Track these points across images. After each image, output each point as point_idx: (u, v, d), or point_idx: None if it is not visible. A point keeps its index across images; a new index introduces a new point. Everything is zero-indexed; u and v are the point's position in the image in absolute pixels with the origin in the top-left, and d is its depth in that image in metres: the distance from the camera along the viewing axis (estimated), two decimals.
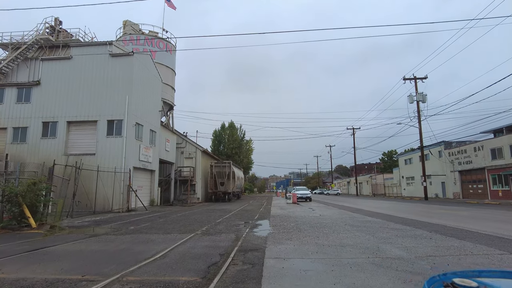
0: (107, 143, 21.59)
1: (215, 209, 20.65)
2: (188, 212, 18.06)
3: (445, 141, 38.47)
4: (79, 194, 16.88)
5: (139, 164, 23.16)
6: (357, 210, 18.25)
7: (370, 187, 67.79)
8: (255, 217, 14.21)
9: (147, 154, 24.44)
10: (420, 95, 36.94)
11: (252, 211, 18.30)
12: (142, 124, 23.75)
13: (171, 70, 31.16)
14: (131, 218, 14.77)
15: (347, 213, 16.11)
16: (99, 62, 22.77)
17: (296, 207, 21.71)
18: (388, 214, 14.86)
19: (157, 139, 26.46)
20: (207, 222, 12.20)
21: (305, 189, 33.52)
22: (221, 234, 8.88)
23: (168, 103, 30.61)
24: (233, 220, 13.21)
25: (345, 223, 11.18)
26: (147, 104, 24.82)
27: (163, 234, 9.12)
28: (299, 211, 18.08)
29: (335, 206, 23.15)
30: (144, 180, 24.82)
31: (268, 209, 19.91)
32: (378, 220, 12.05)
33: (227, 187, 33.28)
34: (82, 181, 16.73)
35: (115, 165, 20.94)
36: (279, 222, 12.05)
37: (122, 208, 20.62)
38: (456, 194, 35.74)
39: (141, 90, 23.84)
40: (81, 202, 16.01)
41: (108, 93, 22.20)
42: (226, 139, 62.14)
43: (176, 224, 11.68)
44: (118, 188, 20.64)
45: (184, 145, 33.30)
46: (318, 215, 14.77)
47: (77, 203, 14.90)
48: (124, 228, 10.87)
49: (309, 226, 10.40)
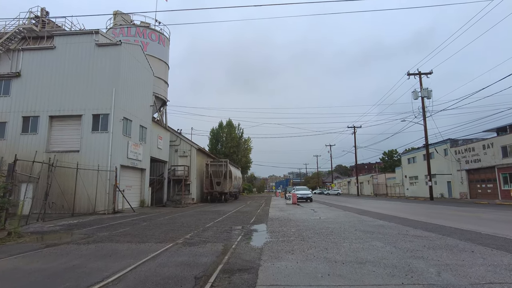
0: (92, 139, 19.94)
1: (209, 211, 19.00)
2: (178, 215, 16.41)
3: (451, 138, 36.89)
4: (55, 194, 15.24)
5: (128, 162, 21.50)
6: (363, 212, 16.62)
7: (371, 187, 66.21)
8: (250, 221, 12.57)
9: (137, 152, 22.77)
10: (425, 90, 35.44)
11: (248, 213, 16.66)
12: (131, 119, 22.09)
13: (164, 64, 29.48)
14: (112, 221, 13.13)
15: (354, 215, 14.48)
16: (84, 52, 21.10)
17: (296, 209, 20.08)
18: (400, 217, 13.24)
19: (148, 135, 24.79)
20: (195, 227, 10.56)
21: (306, 189, 31.87)
22: (207, 243, 7.23)
23: (161, 98, 28.94)
24: (225, 224, 11.56)
25: (355, 228, 9.54)
26: (136, 98, 23.15)
27: (137, 243, 7.48)
28: (300, 213, 16.45)
29: (338, 207, 21.53)
30: (134, 180, 23.15)
31: (266, 211, 18.28)
32: (392, 225, 10.42)
33: (223, 187, 31.63)
34: (58, 180, 15.05)
35: (101, 163, 19.31)
36: (277, 227, 10.41)
37: (108, 209, 18.96)
38: (463, 194, 34.16)
39: (130, 82, 22.18)
40: (55, 203, 14.31)
41: (94, 85, 20.55)
42: (224, 138, 60.50)
43: (158, 230, 10.03)
44: (102, 188, 18.99)
45: (178, 143, 31.62)
46: (322, 218, 13.15)
47: (51, 205, 13.22)
48: (96, 234, 9.23)
49: (313, 233, 8.76)
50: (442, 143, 37.23)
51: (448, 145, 36.82)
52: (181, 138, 31.86)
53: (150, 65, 25.99)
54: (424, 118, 35.36)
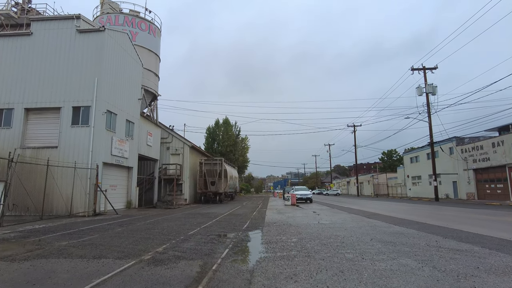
0: (72, 134, 18.09)
1: (199, 213, 17.18)
2: (164, 218, 14.57)
3: (457, 136, 35.23)
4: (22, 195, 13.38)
5: (112, 159, 19.65)
6: (372, 214, 14.86)
7: (371, 187, 64.55)
8: (243, 226, 10.76)
9: (122, 148, 20.92)
10: (429, 86, 33.85)
11: (242, 216, 14.86)
12: (116, 113, 20.23)
13: (155, 55, 27.62)
14: (85, 226, 11.30)
15: (362, 219, 12.71)
16: (64, 39, 19.23)
17: (296, 210, 18.31)
18: (416, 221, 11.48)
19: (135, 131, 22.94)
20: (175, 235, 8.75)
21: (305, 189, 30.09)
22: (180, 261, 5.43)
23: (151, 92, 27.08)
24: (213, 230, 9.76)
25: (370, 237, 7.78)
26: (122, 90, 21.30)
27: (90, 259, 5.68)
28: (300, 216, 14.67)
29: (342, 209, 19.77)
30: (119, 179, 21.29)
31: (262, 213, 16.49)
32: (413, 232, 8.66)
33: (218, 187, 29.80)
34: (22, 179, 13.18)
35: (81, 160, 17.51)
36: (275, 235, 8.63)
37: (88, 211, 17.13)
38: (471, 194, 32.51)
39: (115, 73, 20.33)
40: (17, 205, 12.44)
41: (74, 75, 18.70)
42: (221, 136, 58.63)
43: (129, 238, 8.23)
44: (81, 188, 17.15)
45: (170, 140, 29.76)
46: (327, 223, 11.37)
47: (12, 207, 11.37)
48: (52, 244, 7.42)
49: (320, 244, 6.98)
50: (447, 141, 35.55)
51: (454, 144, 35.16)
52: (173, 135, 30.01)
53: (139, 56, 24.16)
54: (429, 115, 33.76)
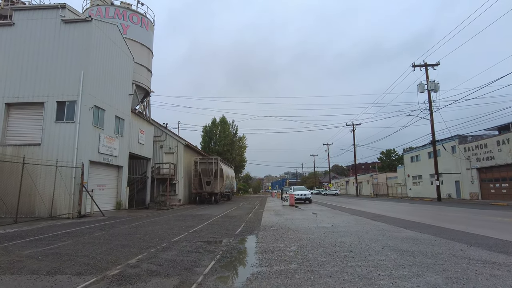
0: (56, 130, 16.96)
1: (191, 215, 16.07)
2: (151, 220, 13.46)
3: (459, 135, 34.34)
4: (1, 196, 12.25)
5: (99, 157, 18.51)
6: (376, 216, 13.81)
7: (371, 187, 63.63)
8: (237, 230, 9.67)
9: (111, 146, 19.78)
10: (431, 83, 32.96)
11: (237, 219, 13.78)
12: (104, 109, 19.09)
13: (147, 49, 26.46)
14: (63, 230, 10.18)
15: (367, 221, 11.66)
16: (48, 30, 18.08)
17: (295, 212, 17.25)
18: (428, 224, 10.44)
19: (126, 128, 21.79)
20: (158, 241, 7.66)
21: (304, 189, 29.04)
22: (151, 279, 4.35)
23: (143, 88, 25.92)
24: (201, 236, 8.67)
25: (381, 245, 6.72)
26: (112, 84, 20.16)
27: (40, 276, 4.59)
28: (299, 218, 13.60)
29: (343, 210, 18.72)
30: (108, 178, 20.15)
31: (259, 215, 15.42)
32: (430, 238, 7.61)
33: (213, 187, 28.69)
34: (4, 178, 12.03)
35: (66, 158, 16.40)
36: (272, 241, 7.56)
37: (73, 213, 16.01)
38: (474, 194, 31.60)
39: (103, 66, 19.19)
40: None
41: (59, 68, 17.56)
42: (218, 135, 57.50)
43: (102, 246, 7.13)
44: (65, 188, 16.03)
45: (163, 138, 28.61)
46: (329, 226, 10.31)
47: None
48: (8, 254, 6.31)
49: (324, 254, 5.92)
50: (450, 140, 34.63)
51: (456, 142, 34.24)
52: (167, 133, 28.86)
53: (130, 50, 23.02)
54: (431, 112, 32.88)
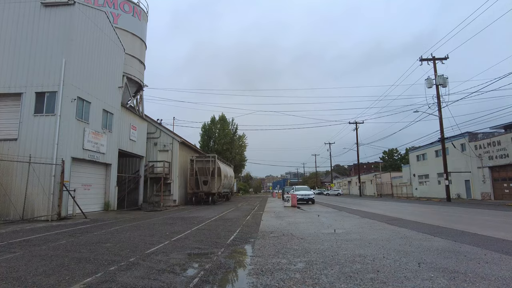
0: (35, 124, 15.42)
1: (182, 218, 14.46)
2: (133, 225, 11.85)
3: (469, 132, 32.66)
4: None
5: (84, 154, 16.94)
6: (392, 219, 12.17)
7: (374, 186, 61.88)
8: (229, 238, 8.04)
9: (98, 142, 18.20)
10: (440, 77, 31.33)
11: (233, 222, 12.16)
12: (89, 101, 17.52)
13: (140, 40, 24.86)
14: (22, 237, 8.59)
15: (384, 226, 10.02)
16: (27, 14, 16.51)
17: (297, 214, 15.63)
18: (460, 230, 8.80)
19: (115, 123, 20.21)
20: (128, 254, 6.05)
21: (307, 189, 27.38)
22: None
23: (135, 81, 24.31)
24: (184, 246, 7.06)
25: (415, 261, 5.09)
26: (99, 75, 18.59)
27: None
28: (303, 221, 11.98)
29: (351, 211, 17.08)
30: (94, 177, 18.57)
31: (258, 218, 13.80)
32: (472, 249, 5.99)
33: (211, 186, 27.09)
34: None
35: (45, 154, 14.87)
36: (271, 255, 5.94)
37: (52, 215, 14.45)
38: (486, 194, 29.92)
39: (89, 55, 17.62)
40: None
41: (38, 55, 16.01)
42: (217, 134, 55.94)
43: (54, 261, 5.52)
44: (43, 187, 14.47)
45: (157, 135, 27.02)
46: (339, 232, 8.69)
47: None
48: None
49: (343, 277, 4.30)
50: (459, 137, 32.93)
51: (466, 139, 32.54)
52: (161, 130, 27.27)
53: (121, 40, 21.46)
54: (439, 108, 31.25)
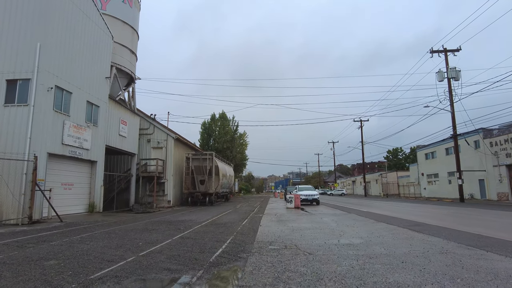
0: (5, 115, 13.73)
1: (168, 222, 12.65)
2: (104, 231, 10.06)
3: (483, 128, 30.64)
4: None
5: (63, 150, 15.21)
6: (414, 224, 10.30)
7: (380, 186, 59.90)
8: (216, 252, 6.21)
9: (81, 137, 16.46)
10: (452, 70, 29.40)
11: (226, 228, 10.34)
12: (70, 91, 15.78)
13: (131, 29, 23.10)
14: None
15: (409, 234, 8.16)
16: None
17: (302, 217, 13.79)
18: (509, 240, 6.95)
19: (101, 117, 18.47)
20: (66, 279, 4.27)
21: (311, 189, 25.48)
22: None
23: (126, 72, 22.56)
24: (150, 267, 5.24)
25: None
26: (82, 63, 16.86)
27: None
28: (309, 227, 10.15)
29: (361, 213, 15.20)
30: (77, 175, 16.82)
31: (256, 222, 11.97)
32: None
33: (208, 186, 25.30)
34: None
35: (16, 149, 13.16)
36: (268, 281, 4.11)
37: (22, 218, 12.72)
38: (503, 195, 27.91)
39: (70, 40, 15.89)
40: None
41: (10, 38, 14.31)
42: (217, 132, 54.14)
43: None
44: (13, 187, 12.76)
45: (151, 131, 25.26)
46: (358, 243, 6.84)
47: None
48: None
49: None
50: (472, 134, 30.91)
51: (480, 136, 30.52)
52: (155, 125, 25.50)
53: (109, 28, 19.72)
54: (451, 103, 29.36)
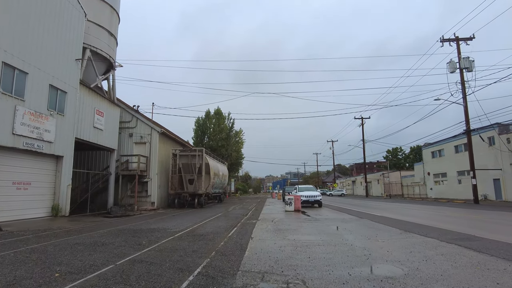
0: None
1: (134, 231, 10.00)
2: (44, 244, 7.38)
3: (499, 123, 28.24)
4: None
5: (15, 141, 12.54)
6: (459, 238, 7.75)
7: (381, 186, 57.48)
8: None
9: (41, 127, 13.79)
10: (465, 60, 26.99)
11: (205, 241, 7.74)
12: (26, 71, 13.12)
13: (110, 8, 20.40)
14: None
15: (468, 254, 5.61)
16: None
17: (304, 224, 11.21)
18: None
19: (69, 104, 15.81)
20: None
21: (312, 189, 22.85)
22: None
23: (104, 57, 19.86)
24: None
25: None
26: (44, 41, 14.19)
27: None
28: (317, 240, 7.57)
29: (374, 218, 12.62)
30: (35, 173, 14.14)
31: (247, 232, 9.37)
32: None
33: (197, 186, 22.66)
34: None
35: None
36: None
37: None
38: None
39: (25, 12, 13.22)
40: None
41: None
42: (212, 129, 51.44)
43: None
44: None
45: (133, 124, 22.58)
46: (399, 275, 4.31)
47: None
48: None
49: None
50: (487, 129, 28.48)
51: (495, 131, 28.10)
52: (138, 118, 22.80)
53: (82, 5, 17.07)
54: (464, 95, 26.98)
